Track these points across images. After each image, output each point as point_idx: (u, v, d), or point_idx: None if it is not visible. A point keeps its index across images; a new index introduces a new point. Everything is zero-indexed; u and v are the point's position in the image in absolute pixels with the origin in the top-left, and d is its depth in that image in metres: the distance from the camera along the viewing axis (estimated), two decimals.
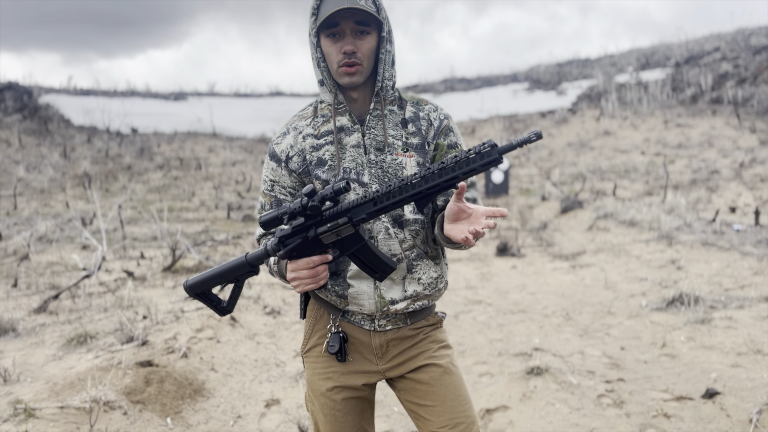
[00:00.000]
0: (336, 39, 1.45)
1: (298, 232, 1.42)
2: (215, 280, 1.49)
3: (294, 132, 1.57)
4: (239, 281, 1.50)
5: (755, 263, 5.67)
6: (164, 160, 17.57)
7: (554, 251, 7.23)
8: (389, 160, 1.51)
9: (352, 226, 1.38)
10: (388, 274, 1.45)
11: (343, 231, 1.39)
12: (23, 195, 12.42)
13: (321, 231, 1.40)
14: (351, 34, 1.45)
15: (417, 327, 1.59)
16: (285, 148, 1.56)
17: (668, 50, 27.29)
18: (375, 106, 1.53)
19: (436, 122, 1.57)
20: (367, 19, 1.45)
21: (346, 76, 1.47)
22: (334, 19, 1.42)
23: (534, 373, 3.29)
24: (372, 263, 1.44)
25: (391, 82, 1.54)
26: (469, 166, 1.28)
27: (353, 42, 1.45)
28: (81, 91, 27.25)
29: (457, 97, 27.25)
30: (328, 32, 1.45)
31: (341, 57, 1.45)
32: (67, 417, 2.76)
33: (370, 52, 1.48)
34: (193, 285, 1.49)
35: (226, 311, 1.54)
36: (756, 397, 2.89)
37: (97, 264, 5.78)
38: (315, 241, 1.41)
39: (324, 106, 1.57)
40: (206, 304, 1.53)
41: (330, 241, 1.40)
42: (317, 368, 1.60)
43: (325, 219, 1.39)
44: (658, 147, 15.62)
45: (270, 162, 1.58)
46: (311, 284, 1.43)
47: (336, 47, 1.46)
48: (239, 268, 1.47)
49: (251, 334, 4.20)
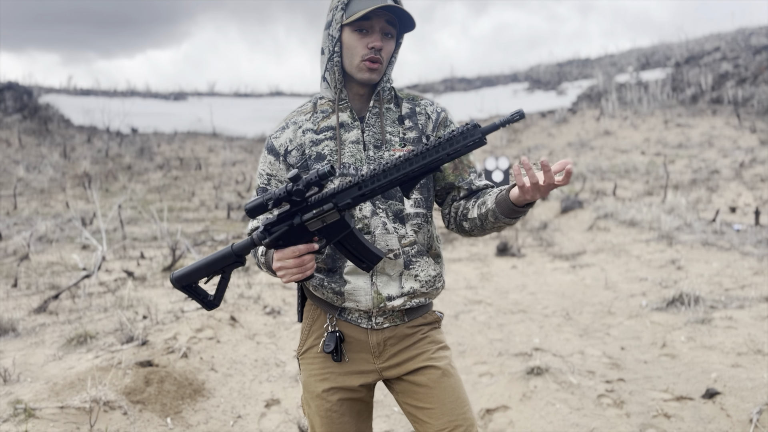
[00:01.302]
0: (364, 34, 1.48)
1: (283, 219, 1.40)
2: (201, 271, 1.46)
3: (293, 126, 1.58)
4: (226, 272, 1.47)
5: (755, 263, 5.67)
6: (164, 160, 17.57)
7: (554, 251, 7.23)
8: (387, 156, 1.53)
9: (337, 212, 1.36)
10: (375, 263, 1.43)
11: (328, 217, 1.37)
12: (23, 195, 12.42)
13: (306, 218, 1.38)
14: (380, 32, 1.49)
15: (415, 325, 1.59)
16: (284, 142, 1.57)
17: (668, 50, 27.29)
18: (374, 104, 1.56)
19: (434, 115, 1.60)
20: (395, 21, 1.49)
21: (368, 71, 1.50)
22: (368, 15, 1.45)
23: (534, 373, 3.28)
24: (358, 252, 1.42)
25: (389, 84, 1.59)
26: (453, 146, 1.28)
27: (380, 40, 1.49)
28: (81, 91, 27.24)
29: (457, 97, 27.24)
30: (357, 26, 1.48)
31: (367, 52, 1.48)
32: (67, 417, 2.76)
33: (389, 54, 1.53)
34: (179, 277, 1.47)
35: (212, 305, 1.51)
36: (756, 397, 2.88)
37: (97, 264, 5.78)
38: (301, 229, 1.39)
39: (324, 102, 1.59)
40: (193, 298, 1.51)
41: (315, 228, 1.38)
42: (313, 369, 1.60)
43: (310, 205, 1.38)
44: (658, 147, 15.62)
45: (268, 156, 1.58)
46: (297, 274, 1.41)
47: (363, 42, 1.48)
48: (225, 258, 1.45)
49: (251, 334, 4.19)
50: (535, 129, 20.15)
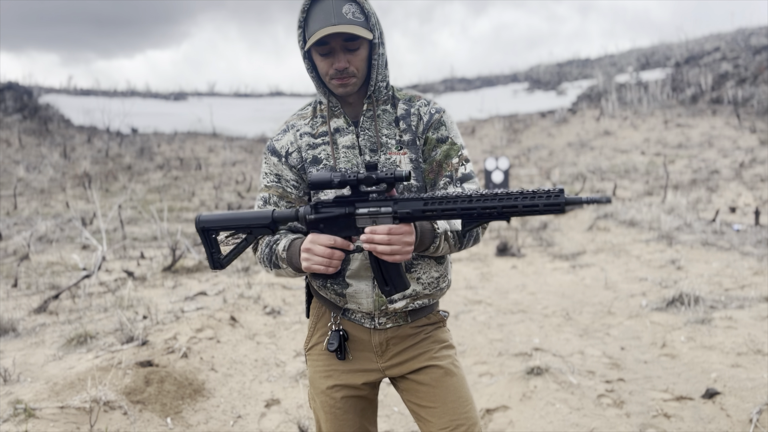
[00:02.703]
0: (327, 57, 1.45)
1: (338, 203, 1.36)
2: (230, 222, 1.42)
3: (293, 130, 1.58)
4: (253, 235, 1.43)
5: (755, 263, 5.67)
6: (164, 160, 17.57)
7: (554, 251, 7.23)
8: (383, 160, 1.52)
9: (393, 218, 1.32)
10: (398, 291, 1.40)
11: (381, 220, 1.33)
12: (23, 195, 12.42)
13: (360, 212, 1.34)
14: (342, 50, 1.43)
15: (418, 326, 1.59)
16: (285, 144, 1.57)
17: (668, 50, 27.29)
18: (368, 107, 1.54)
19: (426, 116, 1.55)
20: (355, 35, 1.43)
21: (340, 87, 1.48)
22: (323, 40, 1.41)
23: (534, 373, 3.29)
24: (389, 273, 1.38)
25: (384, 83, 1.54)
26: (533, 200, 1.21)
27: (344, 58, 1.44)
28: (81, 91, 27.24)
29: (457, 97, 27.24)
30: (319, 50, 1.44)
31: (333, 72, 1.45)
32: (67, 417, 2.76)
33: (363, 62, 1.47)
34: (205, 220, 1.44)
35: (220, 264, 1.47)
36: (756, 397, 2.89)
37: (97, 264, 5.78)
38: (348, 220, 1.35)
39: (323, 107, 1.58)
40: (205, 247, 1.46)
41: (363, 225, 1.34)
42: (319, 366, 1.62)
43: (369, 201, 1.34)
44: (658, 147, 15.62)
45: (271, 157, 1.58)
46: (321, 265, 1.37)
47: (327, 62, 1.45)
48: (260, 219, 1.41)
49: (251, 334, 4.20)
50: (535, 129, 20.15)
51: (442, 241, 1.42)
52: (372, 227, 1.31)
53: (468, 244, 1.49)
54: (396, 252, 1.31)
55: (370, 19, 1.45)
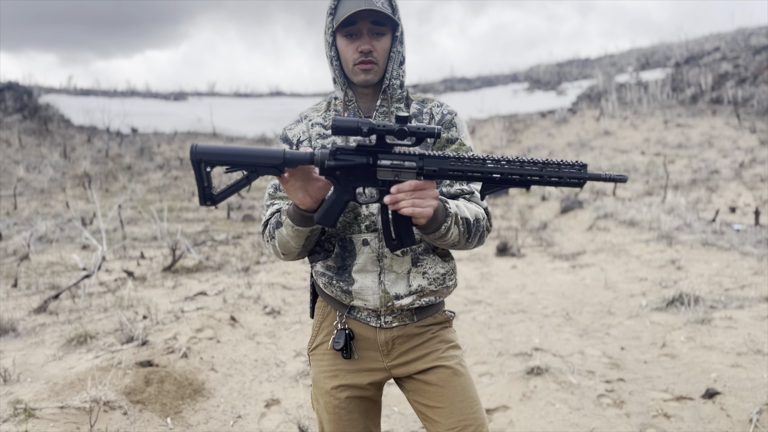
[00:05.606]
0: (353, 39, 1.50)
1: (360, 152, 1.30)
2: (233, 157, 1.29)
3: (306, 120, 1.62)
4: (255, 173, 1.30)
5: (755, 263, 5.67)
6: (164, 160, 17.57)
7: (554, 251, 7.23)
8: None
9: (417, 173, 1.28)
10: (405, 246, 1.38)
11: (403, 174, 1.29)
12: (23, 195, 12.42)
13: (383, 163, 1.29)
14: (367, 34, 1.49)
15: (424, 325, 1.59)
16: (297, 132, 1.60)
17: (668, 50, 27.29)
18: (381, 103, 1.57)
19: (438, 116, 1.59)
20: (383, 20, 1.49)
21: (362, 73, 1.51)
22: (351, 19, 1.46)
23: (534, 373, 3.29)
24: (399, 227, 1.35)
25: (398, 81, 1.58)
26: (558, 171, 1.24)
27: (369, 42, 1.49)
28: (81, 91, 27.25)
29: (457, 97, 27.24)
30: (345, 32, 1.50)
31: (357, 56, 1.50)
32: (67, 417, 2.76)
33: (385, 51, 1.53)
34: (203, 151, 1.29)
35: (211, 200, 1.32)
36: (756, 397, 2.89)
37: (97, 264, 5.78)
38: (368, 171, 1.30)
39: (338, 102, 1.62)
40: (197, 180, 1.31)
41: (384, 178, 1.29)
42: (323, 366, 1.61)
43: (393, 154, 1.29)
44: (658, 147, 15.62)
45: (282, 145, 1.61)
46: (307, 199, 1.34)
47: (352, 46, 1.50)
48: (269, 157, 1.29)
49: (251, 334, 4.20)
50: (535, 129, 20.15)
51: (453, 223, 1.40)
52: (397, 186, 1.28)
53: (474, 240, 1.48)
54: (418, 206, 1.28)
55: (396, 12, 1.52)
